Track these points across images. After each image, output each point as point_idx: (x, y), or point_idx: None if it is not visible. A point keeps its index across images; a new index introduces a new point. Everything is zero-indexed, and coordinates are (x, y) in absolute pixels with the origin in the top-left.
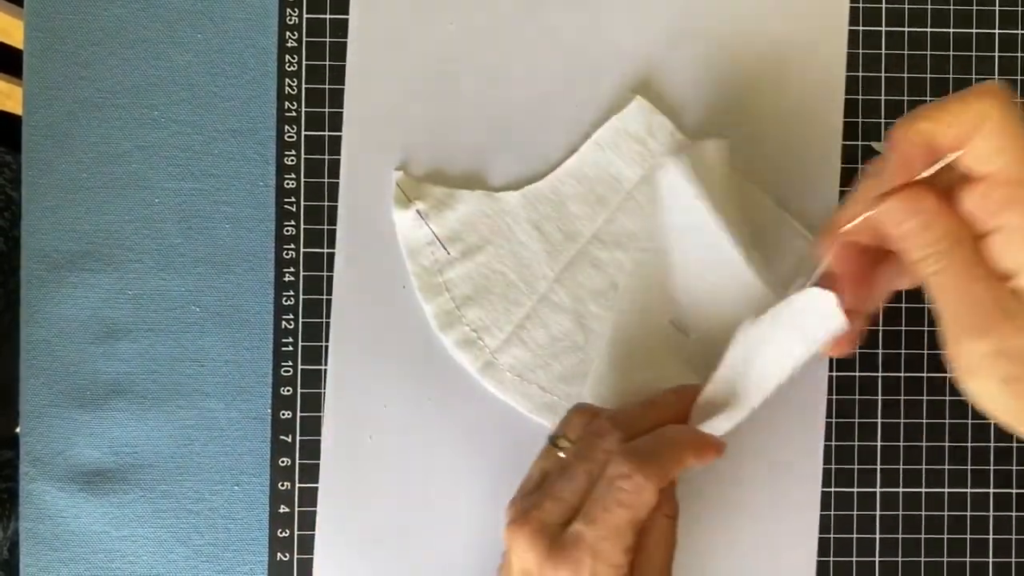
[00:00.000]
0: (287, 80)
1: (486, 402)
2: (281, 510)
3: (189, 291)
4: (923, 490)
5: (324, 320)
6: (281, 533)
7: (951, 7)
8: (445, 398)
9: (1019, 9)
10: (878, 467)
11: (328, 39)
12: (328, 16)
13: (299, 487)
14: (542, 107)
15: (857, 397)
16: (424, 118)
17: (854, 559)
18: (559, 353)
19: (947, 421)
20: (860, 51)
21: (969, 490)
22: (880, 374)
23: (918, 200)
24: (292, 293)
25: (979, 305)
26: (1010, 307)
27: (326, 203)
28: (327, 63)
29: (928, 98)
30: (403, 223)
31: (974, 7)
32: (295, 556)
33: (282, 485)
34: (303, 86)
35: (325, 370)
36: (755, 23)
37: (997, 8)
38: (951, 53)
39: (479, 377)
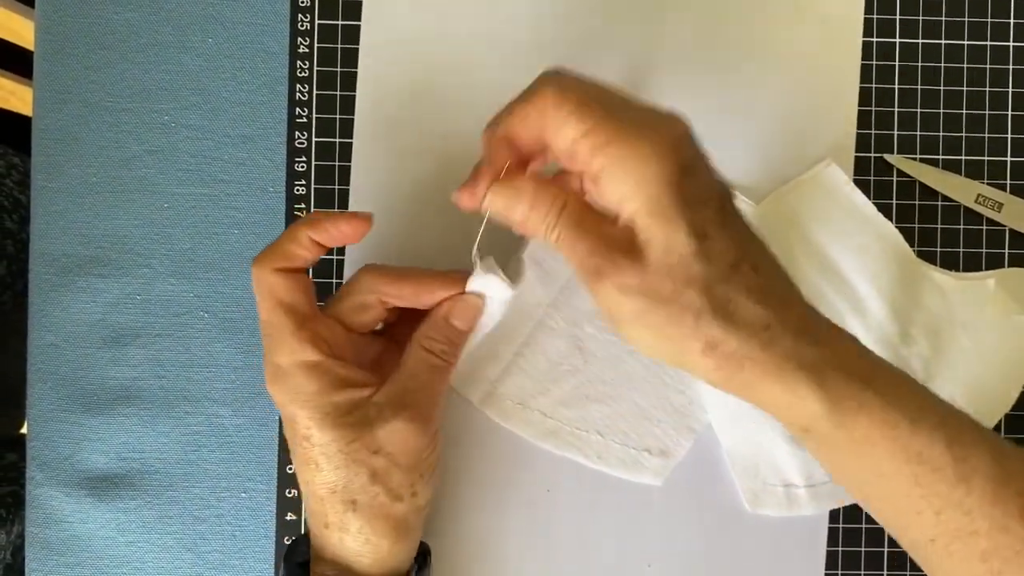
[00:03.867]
0: (298, 86)
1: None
2: (288, 518)
3: (198, 296)
4: None
5: None
6: (288, 540)
7: (965, 19)
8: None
9: None
10: None
11: (339, 45)
12: (340, 22)
13: None
14: None
15: None
16: (435, 127)
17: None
18: (559, 377)
19: None
20: (873, 62)
21: None
22: None
23: (514, 188)
24: None
25: (594, 253)
26: (623, 244)
27: (336, 210)
28: (338, 70)
29: (941, 111)
30: None
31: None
32: None
33: (289, 492)
34: (314, 92)
35: None
36: (766, 30)
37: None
38: (964, 66)
39: (481, 408)
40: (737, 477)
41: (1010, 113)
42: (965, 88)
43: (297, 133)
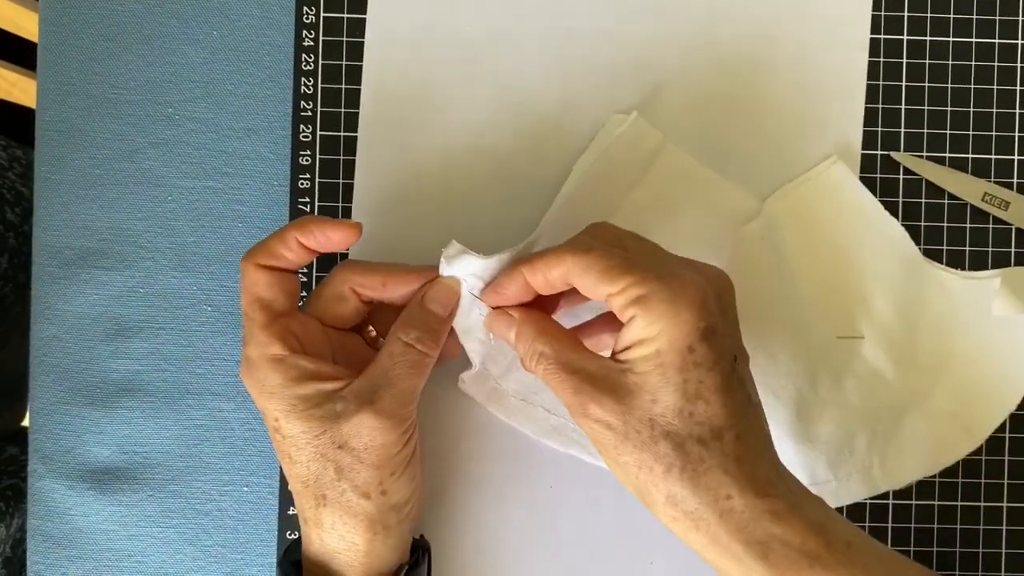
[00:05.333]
0: (303, 79)
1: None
2: (291, 512)
3: (201, 290)
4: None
5: None
6: (290, 535)
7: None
8: (449, 419)
9: None
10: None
11: (345, 38)
12: (345, 15)
13: None
14: (563, 111)
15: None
16: (442, 121)
17: None
18: None
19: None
20: (880, 59)
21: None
22: None
23: (506, 319)
24: (305, 294)
25: (579, 392)
26: (609, 381)
27: (340, 204)
28: (344, 63)
29: (949, 108)
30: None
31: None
32: None
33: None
34: (319, 85)
35: None
36: (773, 26)
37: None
38: (972, 63)
39: (486, 405)
40: None
41: (1017, 111)
42: (972, 86)
43: (302, 127)
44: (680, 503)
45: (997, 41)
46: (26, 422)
